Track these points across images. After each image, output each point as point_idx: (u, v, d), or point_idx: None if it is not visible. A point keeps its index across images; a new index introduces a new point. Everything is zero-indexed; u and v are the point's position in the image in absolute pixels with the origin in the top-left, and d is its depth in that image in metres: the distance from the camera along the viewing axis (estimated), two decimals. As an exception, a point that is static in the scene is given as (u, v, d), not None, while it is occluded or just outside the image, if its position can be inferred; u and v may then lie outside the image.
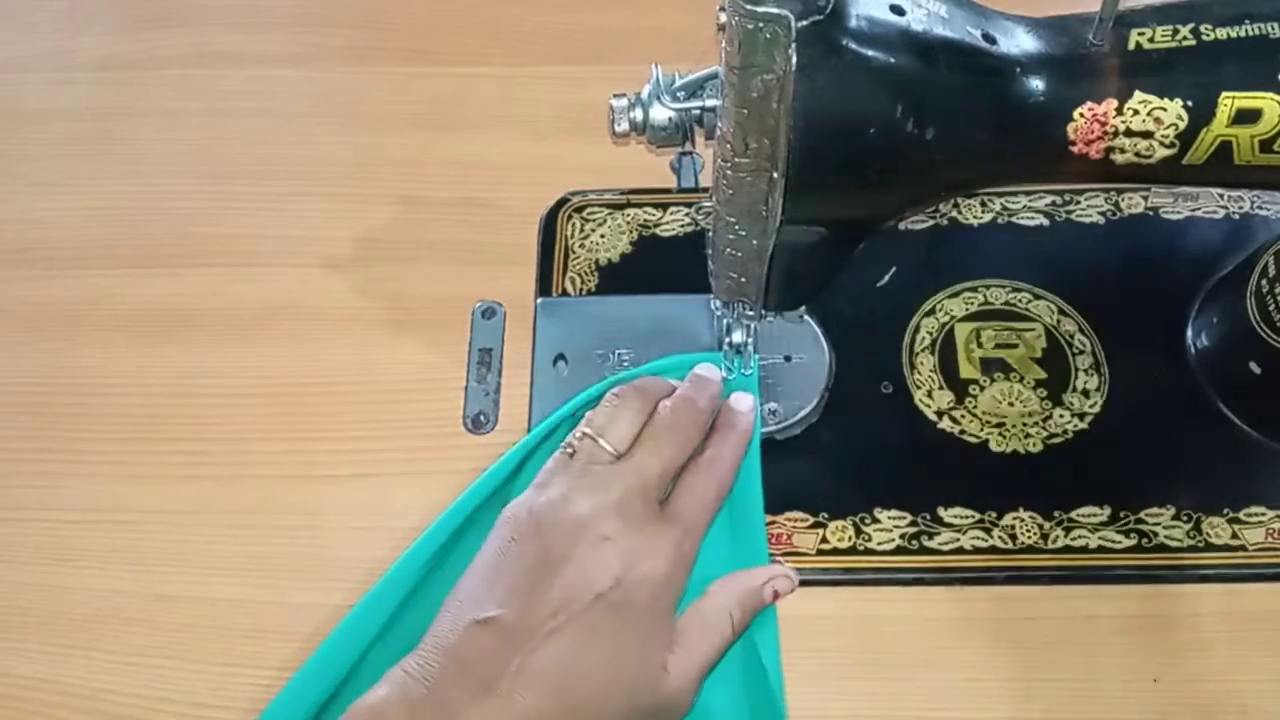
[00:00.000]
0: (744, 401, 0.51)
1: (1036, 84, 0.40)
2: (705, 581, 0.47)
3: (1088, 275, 0.60)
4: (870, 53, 0.38)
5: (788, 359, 0.57)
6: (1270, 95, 0.39)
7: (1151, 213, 0.61)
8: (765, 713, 0.47)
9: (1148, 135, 0.40)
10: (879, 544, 0.53)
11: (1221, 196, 0.61)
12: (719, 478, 0.48)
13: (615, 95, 0.45)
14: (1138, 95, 0.40)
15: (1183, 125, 0.40)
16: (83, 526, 0.55)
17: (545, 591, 0.43)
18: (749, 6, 0.35)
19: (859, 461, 0.55)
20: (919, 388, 0.56)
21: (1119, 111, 0.40)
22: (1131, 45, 0.40)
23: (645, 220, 0.63)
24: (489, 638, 0.42)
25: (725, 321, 0.53)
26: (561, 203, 0.63)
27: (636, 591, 0.43)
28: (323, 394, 0.58)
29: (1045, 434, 0.55)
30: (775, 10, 0.35)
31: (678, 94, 0.44)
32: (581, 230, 0.62)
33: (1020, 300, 0.59)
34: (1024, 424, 0.55)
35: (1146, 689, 0.49)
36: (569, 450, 0.48)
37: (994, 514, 0.53)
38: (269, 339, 0.60)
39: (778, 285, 0.47)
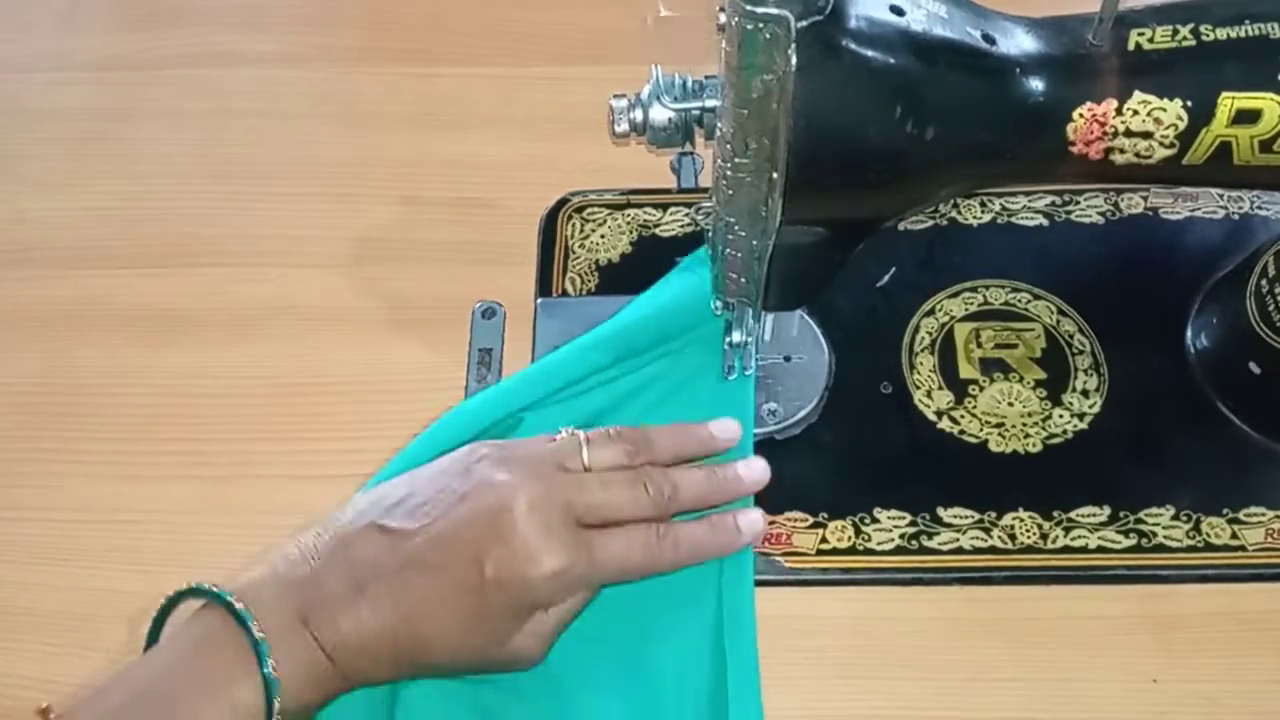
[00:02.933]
0: (753, 523, 0.50)
1: (1036, 84, 0.40)
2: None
3: (1087, 275, 0.60)
4: (870, 53, 0.38)
5: (788, 359, 0.57)
6: (1270, 95, 0.39)
7: (1151, 213, 0.62)
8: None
9: (1147, 135, 0.41)
10: (879, 544, 0.53)
11: (1221, 196, 0.61)
12: (656, 555, 0.47)
13: (615, 95, 0.46)
14: (1137, 95, 0.40)
15: (1182, 125, 0.40)
16: (83, 526, 0.55)
17: (440, 528, 0.44)
18: (749, 7, 0.35)
19: (859, 461, 0.55)
20: (918, 388, 0.57)
21: (1119, 112, 0.40)
22: (1131, 45, 0.40)
23: (645, 220, 0.63)
24: (381, 544, 0.44)
25: (725, 321, 0.53)
26: (561, 203, 0.63)
27: (509, 584, 0.44)
28: (323, 394, 0.58)
29: (1045, 434, 0.55)
30: (775, 11, 0.35)
31: (672, 98, 0.44)
32: (581, 230, 0.62)
33: (1020, 300, 0.59)
34: (1023, 424, 0.55)
35: (1146, 689, 0.49)
36: (554, 436, 0.49)
37: (993, 514, 0.53)
38: (269, 339, 0.60)
39: (777, 285, 0.47)
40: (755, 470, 0.51)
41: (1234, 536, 0.52)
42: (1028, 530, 0.53)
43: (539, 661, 0.47)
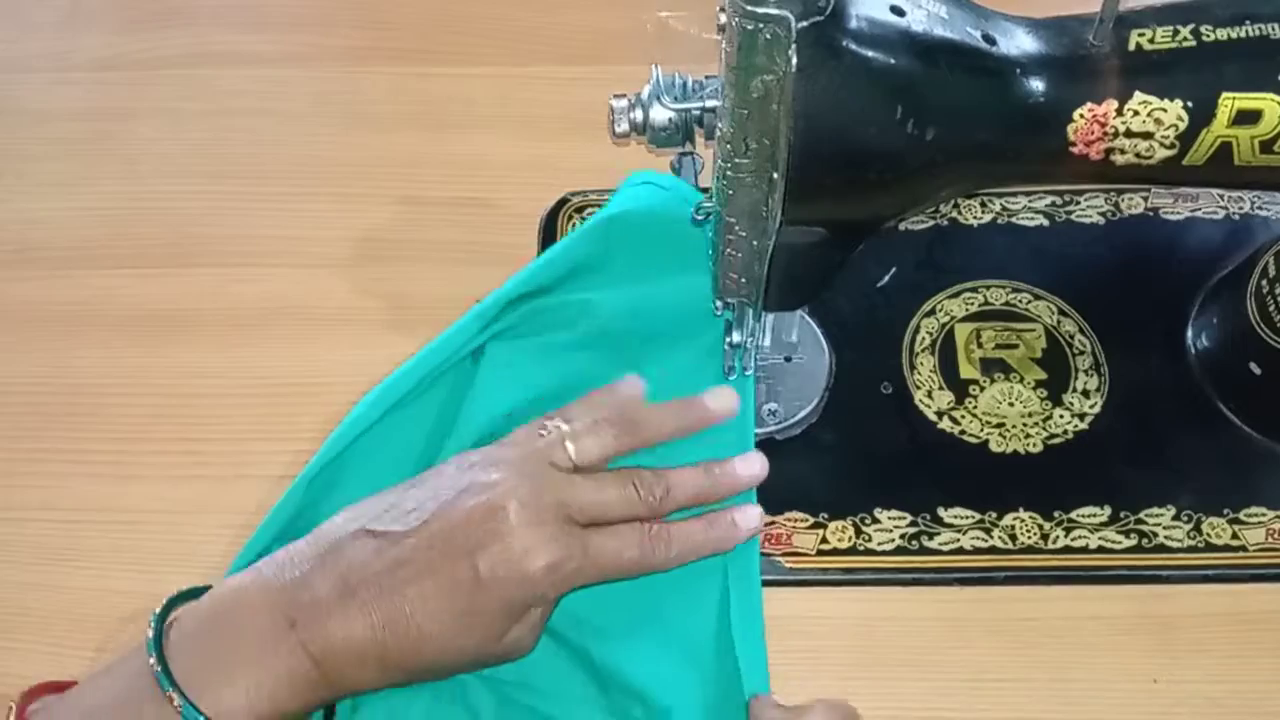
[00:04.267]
0: (749, 517, 0.49)
1: (1036, 85, 0.40)
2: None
3: (1088, 276, 0.60)
4: (870, 54, 0.38)
5: (788, 359, 0.57)
6: (1270, 96, 0.39)
7: (1151, 213, 0.61)
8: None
9: (1148, 136, 0.41)
10: (879, 544, 0.53)
11: (1221, 197, 0.61)
12: (649, 553, 0.47)
13: (615, 95, 0.45)
14: (1138, 96, 0.40)
15: (1183, 126, 0.40)
16: (83, 526, 0.55)
17: (432, 528, 0.44)
18: (749, 7, 0.35)
19: (859, 462, 0.55)
20: (919, 388, 0.56)
21: (1119, 112, 0.40)
22: (1132, 46, 0.40)
23: (645, 220, 0.62)
24: (370, 547, 0.44)
25: (725, 321, 0.53)
26: (562, 203, 0.63)
27: (504, 582, 0.44)
28: (323, 394, 0.58)
29: (1045, 434, 0.55)
30: (775, 11, 0.35)
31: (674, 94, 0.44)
32: (581, 230, 0.62)
33: (1020, 301, 0.59)
34: (1024, 424, 0.55)
35: (1146, 689, 0.49)
36: (541, 430, 0.49)
37: (994, 514, 0.53)
38: (269, 339, 0.60)
39: (778, 286, 0.47)
40: (753, 465, 0.50)
41: (1235, 537, 0.52)
42: (1028, 530, 0.53)
43: (529, 652, 0.47)
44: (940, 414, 0.56)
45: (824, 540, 0.53)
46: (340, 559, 0.44)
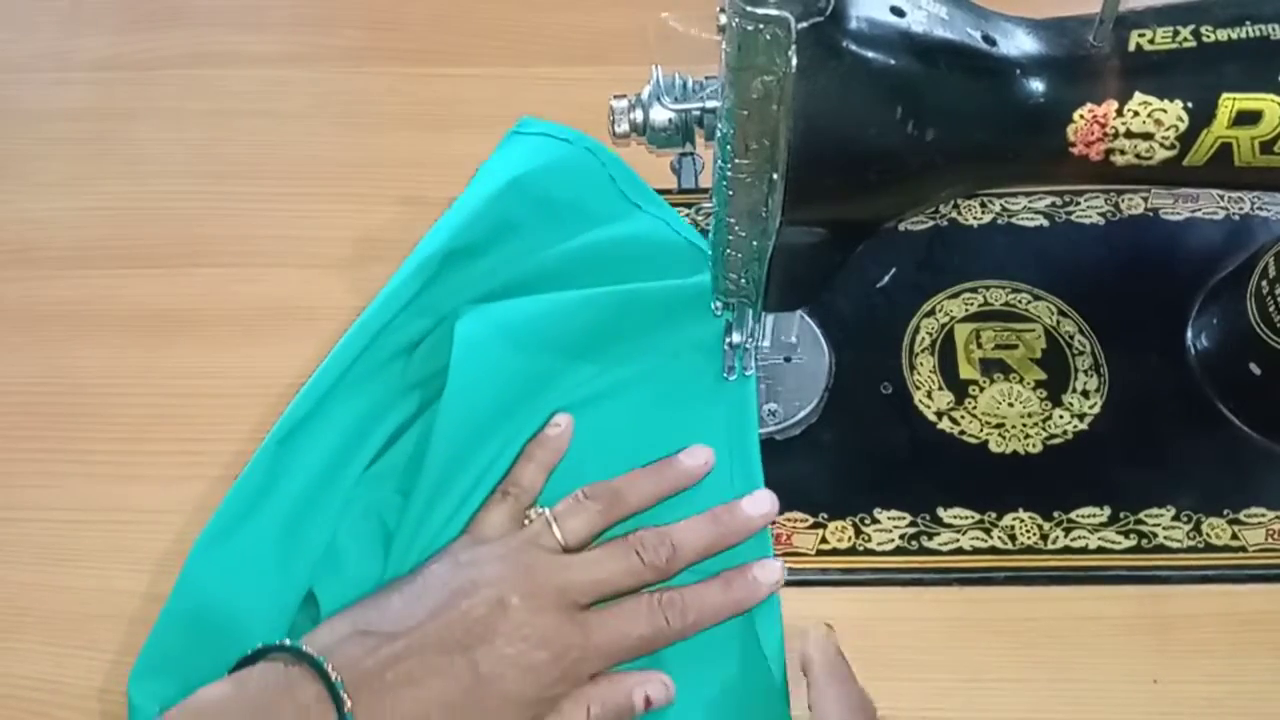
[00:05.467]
0: (771, 571, 0.48)
1: (1036, 85, 0.40)
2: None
3: (1087, 276, 0.60)
4: (870, 54, 0.38)
5: (788, 359, 0.57)
6: (1270, 97, 0.39)
7: (1151, 214, 0.61)
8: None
9: (1148, 137, 0.41)
10: (878, 544, 0.53)
11: (1221, 198, 0.61)
12: (661, 627, 0.45)
13: (615, 96, 0.45)
14: (1138, 97, 0.40)
15: (1183, 127, 0.40)
16: (83, 526, 0.55)
17: (428, 630, 0.43)
18: (749, 8, 0.35)
19: (859, 462, 0.55)
20: (919, 388, 0.56)
21: (1119, 113, 0.40)
22: (1132, 46, 0.40)
23: (645, 220, 0.62)
24: (362, 647, 0.43)
25: (725, 322, 0.53)
26: (561, 203, 0.63)
27: (501, 675, 0.42)
28: (323, 394, 0.58)
29: (1045, 435, 0.55)
30: (775, 12, 0.35)
31: (676, 97, 0.44)
32: (581, 230, 0.62)
33: (1020, 301, 0.59)
34: (1023, 425, 0.55)
35: (1146, 690, 0.49)
36: (527, 519, 0.48)
37: (993, 514, 0.53)
38: (269, 339, 0.60)
39: (777, 286, 0.47)
40: (762, 503, 0.49)
41: (1234, 537, 0.52)
42: (1028, 531, 0.53)
43: None
44: (940, 414, 0.56)
45: (823, 540, 0.53)
46: (331, 662, 0.42)
